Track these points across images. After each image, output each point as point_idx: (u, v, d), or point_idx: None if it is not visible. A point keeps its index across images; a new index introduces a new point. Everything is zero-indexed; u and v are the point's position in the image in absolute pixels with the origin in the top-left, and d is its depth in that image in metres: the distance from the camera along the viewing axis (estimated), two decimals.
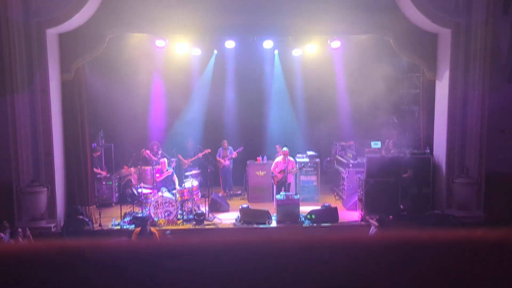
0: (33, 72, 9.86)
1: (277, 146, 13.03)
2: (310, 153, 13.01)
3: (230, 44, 13.11)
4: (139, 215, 10.52)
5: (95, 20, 10.27)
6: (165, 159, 11.82)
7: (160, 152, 12.84)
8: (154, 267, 1.77)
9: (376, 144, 12.92)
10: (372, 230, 9.02)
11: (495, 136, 10.55)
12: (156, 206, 10.47)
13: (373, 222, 9.15)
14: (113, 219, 10.79)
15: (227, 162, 13.18)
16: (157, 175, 11.54)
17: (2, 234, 8.62)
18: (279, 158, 11.89)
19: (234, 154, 13.19)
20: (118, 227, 10.43)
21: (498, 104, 10.40)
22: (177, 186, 11.33)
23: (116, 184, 12.52)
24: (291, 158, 11.89)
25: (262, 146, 13.87)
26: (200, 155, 12.99)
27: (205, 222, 10.59)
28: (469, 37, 10.27)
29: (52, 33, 10.09)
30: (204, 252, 1.77)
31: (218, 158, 13.23)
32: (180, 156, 13.18)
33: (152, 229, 9.36)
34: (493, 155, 10.58)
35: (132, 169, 12.85)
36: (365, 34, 11.30)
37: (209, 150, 13.03)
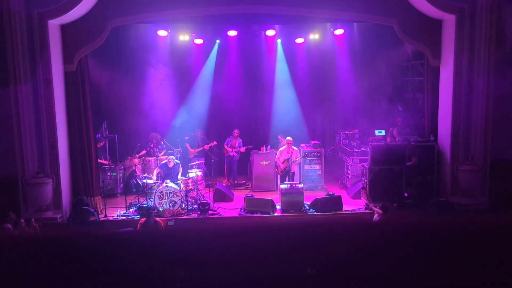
0: (36, 63, 9.86)
1: (279, 136, 13.01)
2: (314, 142, 12.99)
3: (232, 33, 13.09)
4: (144, 205, 10.56)
5: (96, 10, 10.23)
6: (173, 157, 11.71)
7: (162, 143, 12.85)
8: (158, 254, 1.78)
9: (380, 132, 12.91)
10: (376, 217, 9.04)
11: (500, 122, 10.48)
12: (160, 196, 10.50)
13: (377, 209, 9.16)
14: (118, 209, 10.85)
15: (233, 153, 13.16)
16: (161, 171, 11.52)
17: (9, 225, 8.70)
18: (283, 148, 11.88)
19: (243, 149, 13.14)
20: (123, 218, 10.48)
21: (503, 90, 10.32)
22: (179, 176, 11.32)
23: (121, 174, 12.57)
24: (295, 148, 11.88)
25: (266, 136, 13.85)
26: (207, 147, 13.00)
27: (210, 212, 10.62)
28: (473, 23, 10.15)
29: (54, 24, 10.07)
30: (209, 238, 1.79)
31: (225, 146, 13.22)
32: (187, 145, 13.19)
33: (157, 219, 9.42)
34: (498, 142, 10.52)
35: (136, 159, 12.90)
36: (369, 21, 11.20)
37: (215, 143, 13.04)
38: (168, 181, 10.85)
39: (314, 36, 13.39)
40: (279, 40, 13.90)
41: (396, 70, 13.87)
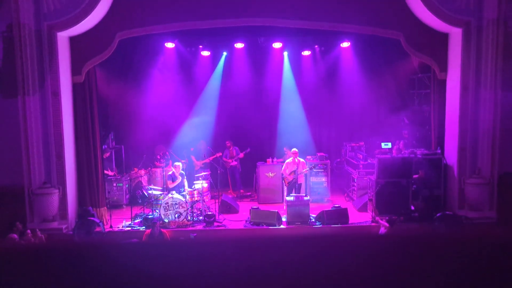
0: (44, 74, 9.97)
1: (284, 148, 13.03)
2: (320, 154, 12.97)
3: (239, 45, 13.19)
4: (150, 216, 10.56)
5: (104, 23, 10.35)
6: (180, 164, 11.78)
7: (168, 154, 12.89)
8: (163, 265, 1.78)
9: (386, 145, 12.87)
10: (382, 230, 8.97)
11: (507, 136, 10.42)
12: (166, 207, 10.49)
13: (383, 223, 9.10)
14: (124, 220, 10.85)
15: (234, 163, 13.25)
16: (170, 181, 11.49)
17: (15, 235, 8.71)
18: (289, 159, 11.86)
19: (241, 155, 13.25)
20: (129, 229, 10.47)
21: (511, 104, 10.27)
22: (186, 188, 11.36)
23: (127, 185, 12.59)
24: (301, 159, 11.85)
25: (272, 148, 13.87)
26: (211, 158, 13.04)
27: (215, 224, 10.59)
28: (480, 37, 10.16)
29: (62, 36, 10.19)
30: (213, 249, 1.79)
31: (224, 159, 13.30)
32: (193, 158, 13.26)
33: (163, 230, 9.40)
34: (506, 155, 10.45)
35: (142, 170, 12.93)
36: (375, 34, 11.22)
37: (220, 154, 13.11)
38: (173, 192, 10.86)
39: (320, 49, 13.47)
40: (285, 53, 13.97)
41: (402, 82, 13.87)
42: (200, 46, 13.47)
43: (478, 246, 1.52)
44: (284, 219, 10.65)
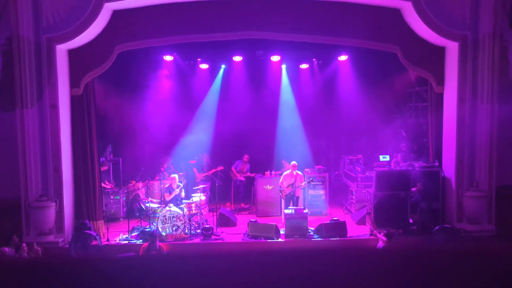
0: (42, 87, 9.98)
1: (283, 161, 13.03)
2: (318, 167, 12.96)
3: (237, 58, 13.28)
4: (147, 230, 10.49)
5: (103, 36, 10.40)
6: (176, 176, 11.77)
7: (172, 166, 12.90)
8: (160, 279, 1.76)
9: (384, 158, 12.88)
10: (380, 244, 8.94)
11: (505, 149, 10.45)
12: (163, 220, 10.43)
13: (381, 236, 9.07)
14: (121, 233, 10.77)
15: (241, 178, 13.23)
16: (167, 193, 11.43)
17: (6, 249, 8.59)
18: (287, 172, 11.84)
19: (252, 175, 13.23)
20: (126, 242, 10.39)
21: (508, 117, 10.31)
22: (183, 200, 11.31)
23: (124, 198, 12.52)
24: (299, 172, 11.84)
25: (270, 160, 13.86)
26: (212, 171, 13.03)
27: (213, 237, 10.53)
28: (477, 50, 10.25)
29: (61, 49, 10.23)
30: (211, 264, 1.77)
31: (233, 170, 13.25)
32: (195, 170, 13.24)
33: (160, 244, 9.34)
34: (503, 168, 10.46)
35: (140, 183, 12.88)
36: (372, 47, 11.31)
37: (222, 168, 13.10)
38: (171, 205, 10.81)
39: (318, 62, 13.57)
40: (283, 66, 14.05)
41: (400, 95, 13.95)
42: (199, 59, 13.55)
43: (477, 260, 1.52)
44: (282, 232, 10.59)
